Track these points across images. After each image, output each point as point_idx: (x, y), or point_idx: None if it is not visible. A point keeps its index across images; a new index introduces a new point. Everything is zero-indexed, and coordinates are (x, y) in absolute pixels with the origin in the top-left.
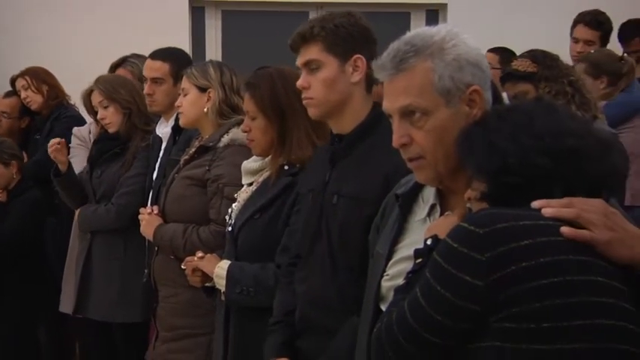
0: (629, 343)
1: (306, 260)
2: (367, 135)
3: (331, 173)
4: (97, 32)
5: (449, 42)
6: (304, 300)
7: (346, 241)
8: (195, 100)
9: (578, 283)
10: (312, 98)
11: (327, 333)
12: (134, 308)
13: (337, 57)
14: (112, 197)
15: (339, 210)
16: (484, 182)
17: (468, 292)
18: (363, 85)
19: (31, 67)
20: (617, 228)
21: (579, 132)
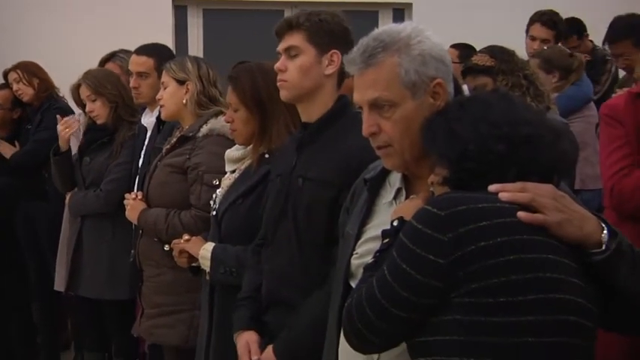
0: (579, 315)
1: (272, 239)
2: (331, 123)
3: (298, 158)
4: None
5: (414, 38)
6: (270, 277)
7: (311, 220)
8: (174, 92)
9: (531, 261)
10: (286, 81)
11: (291, 308)
12: (122, 287)
13: (316, 48)
14: (101, 184)
15: (304, 192)
16: (446, 168)
17: (431, 270)
18: (334, 79)
19: (23, 62)
20: (566, 210)
21: (533, 121)
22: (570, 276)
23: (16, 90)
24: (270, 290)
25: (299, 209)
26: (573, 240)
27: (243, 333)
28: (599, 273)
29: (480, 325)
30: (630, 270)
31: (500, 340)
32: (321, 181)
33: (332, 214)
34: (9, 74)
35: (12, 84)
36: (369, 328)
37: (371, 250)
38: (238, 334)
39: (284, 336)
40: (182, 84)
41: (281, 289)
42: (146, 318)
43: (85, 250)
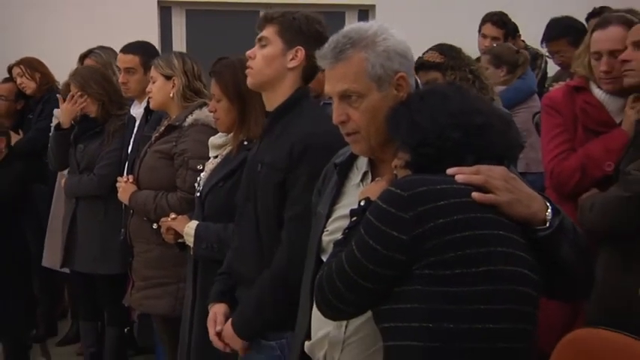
0: (526, 285)
1: (239, 220)
2: (286, 113)
3: (260, 145)
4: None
5: (380, 36)
6: (235, 255)
7: (265, 203)
8: (162, 86)
9: (484, 236)
10: (251, 68)
11: (251, 284)
12: (113, 262)
13: (284, 42)
14: (94, 169)
15: (261, 176)
16: (408, 153)
17: (395, 245)
18: (297, 73)
19: (26, 57)
20: (515, 191)
21: (485, 111)
22: (518, 250)
23: (19, 83)
24: (234, 268)
25: (258, 192)
26: (521, 218)
27: (214, 305)
28: (544, 247)
29: (438, 294)
30: (571, 245)
31: (455, 307)
32: (272, 165)
33: (280, 197)
34: (13, 69)
35: (16, 78)
36: (339, 298)
37: (340, 228)
38: (211, 306)
39: (238, 311)
40: (169, 79)
41: (241, 267)
42: (136, 290)
43: (79, 229)
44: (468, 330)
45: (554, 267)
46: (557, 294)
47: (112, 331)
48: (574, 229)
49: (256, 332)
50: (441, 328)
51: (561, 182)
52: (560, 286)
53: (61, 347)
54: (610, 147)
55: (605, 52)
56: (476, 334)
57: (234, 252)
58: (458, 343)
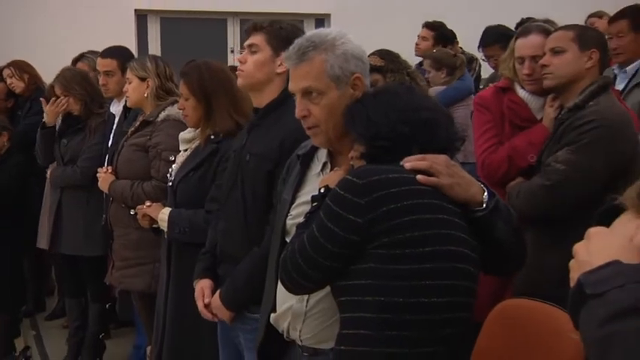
0: (466, 263)
1: (225, 203)
2: (273, 110)
3: (248, 138)
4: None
5: (339, 40)
6: (221, 236)
7: (254, 189)
8: (137, 87)
9: (430, 220)
10: (243, 71)
11: (236, 262)
12: (96, 245)
13: (272, 49)
14: (77, 161)
15: (250, 165)
16: (363, 145)
17: (351, 227)
18: (284, 77)
19: (15, 60)
20: (456, 175)
21: (431, 108)
22: (459, 232)
23: (9, 83)
24: (221, 247)
25: (245, 179)
26: (461, 199)
27: (199, 281)
28: (481, 227)
29: (389, 271)
30: (504, 224)
31: (405, 282)
32: (262, 156)
33: (270, 184)
34: (3, 70)
35: (6, 79)
36: (301, 274)
37: (303, 213)
38: (196, 282)
39: (227, 284)
40: (143, 80)
41: (228, 247)
42: (116, 269)
43: (64, 216)
44: (416, 303)
45: (490, 244)
46: (492, 269)
47: (94, 307)
48: (507, 210)
49: (243, 304)
50: (392, 302)
51: (491, 172)
52: (495, 262)
53: (49, 321)
54: (533, 140)
55: (527, 57)
56: (422, 306)
57: (220, 233)
58: (406, 314)
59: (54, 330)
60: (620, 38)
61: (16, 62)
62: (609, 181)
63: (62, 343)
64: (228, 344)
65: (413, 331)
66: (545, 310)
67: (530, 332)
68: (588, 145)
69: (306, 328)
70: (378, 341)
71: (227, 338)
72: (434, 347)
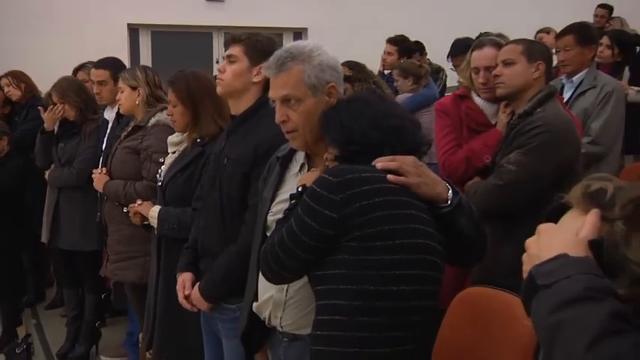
0: (433, 254)
1: (205, 203)
2: (249, 118)
3: (226, 143)
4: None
5: (315, 52)
6: (202, 232)
7: (230, 190)
8: (128, 95)
9: (399, 215)
10: (222, 80)
11: (215, 257)
12: (92, 240)
13: (249, 59)
14: (73, 163)
15: (227, 168)
16: (337, 149)
17: (326, 222)
18: (260, 86)
19: (12, 70)
20: (423, 175)
21: (400, 115)
22: (426, 226)
23: (7, 92)
24: (201, 243)
25: (223, 181)
26: (428, 197)
27: (181, 274)
28: (446, 221)
29: (362, 262)
30: (467, 220)
31: (376, 272)
32: (238, 160)
33: (245, 186)
34: (1, 80)
35: (4, 87)
36: (280, 265)
37: (282, 209)
38: (179, 274)
39: (206, 278)
40: (134, 89)
41: (207, 243)
42: (110, 262)
43: (62, 213)
44: (386, 291)
45: (454, 237)
46: (456, 260)
47: (91, 297)
48: (469, 206)
49: (220, 296)
50: (364, 290)
51: (451, 172)
52: (458, 254)
53: (49, 310)
54: (488, 143)
55: (482, 68)
56: (392, 294)
57: (200, 230)
58: (377, 301)
59: (53, 319)
60: (567, 52)
61: (13, 72)
62: (555, 180)
63: (61, 331)
64: (209, 332)
65: (383, 317)
66: (502, 298)
67: (489, 318)
68: (536, 148)
69: (286, 316)
70: (351, 326)
71: (208, 326)
72: (402, 332)
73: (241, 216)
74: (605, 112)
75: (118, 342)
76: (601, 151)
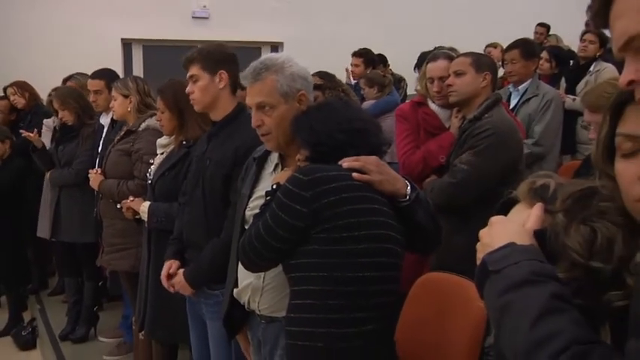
0: (394, 243)
1: (189, 200)
2: (229, 123)
3: (207, 146)
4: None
5: (287, 63)
6: (187, 226)
7: (213, 189)
8: (121, 103)
9: (363, 209)
10: (194, 99)
11: (199, 248)
12: (89, 233)
13: (208, 72)
14: (72, 164)
15: (209, 169)
16: (307, 150)
17: (298, 216)
18: (228, 90)
19: (17, 80)
20: (384, 173)
21: (363, 119)
22: (387, 218)
23: (12, 100)
24: (186, 236)
25: (205, 180)
26: (389, 192)
27: (168, 262)
28: (404, 214)
29: (331, 251)
30: (424, 212)
31: (343, 260)
32: (219, 161)
33: (226, 185)
34: (7, 89)
35: (9, 96)
36: (257, 255)
37: (258, 205)
38: (166, 262)
39: (192, 266)
40: (126, 97)
41: (192, 236)
42: (106, 253)
43: (62, 210)
44: (353, 277)
45: (413, 228)
46: (415, 248)
47: (89, 285)
48: (426, 200)
49: (204, 283)
50: (332, 276)
51: (410, 170)
52: (417, 242)
53: (51, 297)
54: (443, 144)
55: (436, 78)
56: (358, 279)
57: (185, 225)
58: (345, 286)
59: (55, 304)
60: (514, 64)
61: (17, 82)
62: (501, 177)
63: (62, 315)
64: (194, 315)
65: (350, 300)
66: (457, 282)
67: (445, 300)
68: (485, 149)
69: (263, 300)
70: (322, 309)
71: (193, 310)
72: (368, 313)
73: (223, 212)
74: (546, 117)
75: (114, 324)
76: (543, 151)
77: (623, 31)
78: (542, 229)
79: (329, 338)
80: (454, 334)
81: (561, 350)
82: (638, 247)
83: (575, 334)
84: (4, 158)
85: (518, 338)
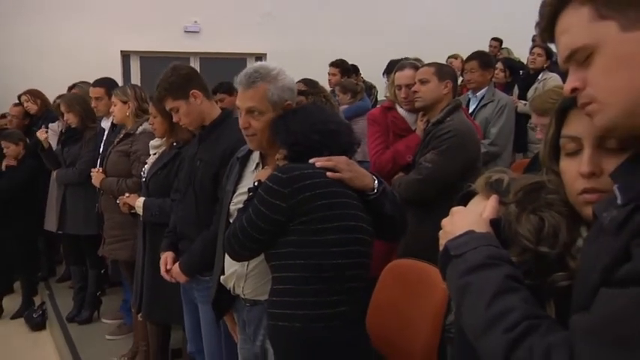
0: (364, 234)
1: (183, 197)
2: (217, 127)
3: (198, 148)
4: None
5: (280, 75)
6: (180, 220)
7: (203, 187)
8: (120, 108)
9: (336, 203)
10: (185, 124)
11: (191, 240)
12: (92, 226)
13: (182, 99)
14: (76, 164)
15: (200, 169)
16: (285, 150)
17: (277, 210)
18: (206, 101)
19: (30, 89)
20: (353, 170)
21: (336, 121)
22: (358, 211)
23: (26, 107)
24: (179, 229)
25: (196, 179)
26: (358, 188)
27: (164, 253)
28: (373, 206)
29: (307, 242)
30: (390, 203)
31: (319, 249)
32: (209, 162)
33: (215, 183)
34: (21, 97)
35: (23, 103)
36: (241, 246)
37: (242, 200)
38: (162, 253)
39: (185, 257)
40: (125, 103)
41: (185, 229)
42: (107, 244)
43: (68, 205)
44: (327, 264)
45: (381, 218)
46: (384, 236)
47: (92, 272)
48: (392, 193)
49: (196, 271)
50: (309, 264)
51: (380, 169)
52: (385, 231)
53: (59, 283)
54: (410, 145)
55: (403, 85)
56: (332, 266)
57: (178, 219)
58: (320, 273)
59: (63, 290)
60: (472, 73)
61: (30, 90)
62: (461, 173)
63: (69, 300)
64: (187, 299)
65: (325, 284)
66: (422, 267)
67: (411, 283)
68: (447, 150)
69: (247, 286)
70: (300, 293)
71: (186, 295)
72: (341, 296)
73: (213, 207)
74: (500, 121)
75: (116, 308)
76: (498, 150)
77: (566, 45)
78: (497, 218)
79: (306, 319)
80: (419, 313)
81: (514, 325)
82: (580, 234)
83: (526, 311)
84: (20, 159)
85: (476, 315)
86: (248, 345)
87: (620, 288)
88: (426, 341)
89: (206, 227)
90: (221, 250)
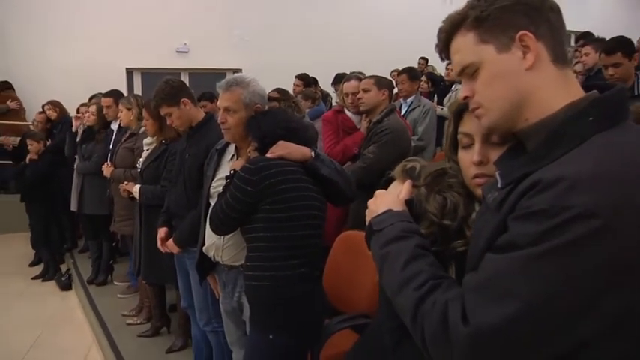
0: (317, 209)
1: (175, 184)
2: (202, 128)
3: (187, 144)
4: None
5: (252, 83)
6: (173, 203)
7: (190, 176)
8: (126, 114)
9: (295, 187)
10: (177, 126)
11: (182, 218)
12: (105, 207)
13: (174, 105)
14: (92, 158)
15: (188, 162)
16: (256, 143)
17: (248, 194)
18: (193, 107)
19: (52, 100)
20: (289, 147)
21: (297, 120)
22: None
23: (48, 114)
24: (172, 209)
25: (185, 170)
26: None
27: (160, 228)
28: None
29: (273, 219)
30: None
31: (282, 224)
32: (196, 155)
33: (200, 173)
34: (45, 106)
35: (46, 111)
36: (221, 223)
37: (220, 185)
38: (159, 228)
39: (178, 232)
40: (130, 110)
41: (176, 209)
42: (117, 222)
43: (85, 191)
44: (288, 235)
45: (324, 182)
46: (334, 201)
47: (106, 244)
48: (331, 161)
49: (187, 243)
50: (275, 235)
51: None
52: (332, 196)
53: (80, 254)
54: (356, 141)
55: (350, 93)
56: (293, 237)
57: (171, 201)
58: (283, 242)
59: (83, 259)
60: (403, 84)
61: (52, 101)
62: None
63: (88, 266)
64: (180, 266)
65: (288, 251)
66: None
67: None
68: (384, 144)
69: (225, 254)
70: (268, 259)
71: (179, 262)
72: (300, 260)
73: (199, 192)
74: (425, 121)
75: (124, 273)
76: (424, 144)
77: (459, 62)
78: (411, 198)
79: (274, 279)
80: (363, 274)
81: (422, 284)
82: (474, 209)
83: (432, 272)
84: (40, 154)
85: (393, 277)
86: (228, 299)
87: (500, 253)
88: (368, 295)
89: (194, 208)
90: (203, 225)
